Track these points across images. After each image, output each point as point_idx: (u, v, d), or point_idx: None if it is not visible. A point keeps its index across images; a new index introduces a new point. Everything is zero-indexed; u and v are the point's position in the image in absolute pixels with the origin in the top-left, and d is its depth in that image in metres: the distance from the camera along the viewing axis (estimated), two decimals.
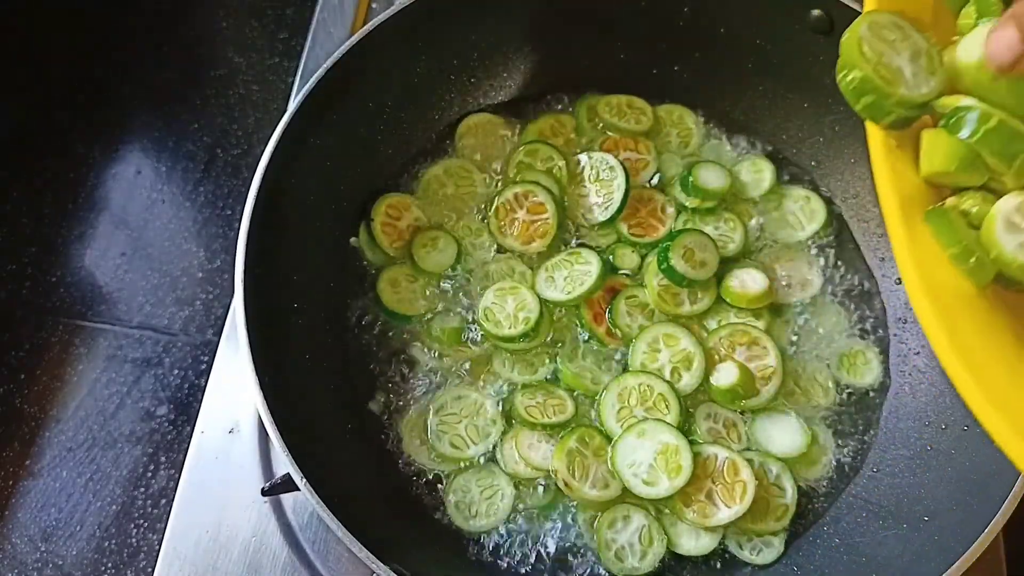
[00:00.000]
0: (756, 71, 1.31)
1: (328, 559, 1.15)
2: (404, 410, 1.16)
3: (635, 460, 1.07)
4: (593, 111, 1.35)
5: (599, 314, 1.20)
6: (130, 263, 1.62)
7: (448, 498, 1.11)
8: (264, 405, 0.93)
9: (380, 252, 1.24)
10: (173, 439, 1.45)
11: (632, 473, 1.06)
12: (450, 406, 1.15)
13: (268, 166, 1.06)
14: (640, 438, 1.08)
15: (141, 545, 1.37)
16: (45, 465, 1.44)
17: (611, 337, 1.19)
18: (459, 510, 1.10)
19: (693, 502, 1.06)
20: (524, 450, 1.11)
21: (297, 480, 0.90)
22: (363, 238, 1.25)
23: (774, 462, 1.11)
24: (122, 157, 1.74)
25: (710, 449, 1.09)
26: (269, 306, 1.04)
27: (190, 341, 1.54)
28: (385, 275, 1.23)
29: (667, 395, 1.11)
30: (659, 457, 1.07)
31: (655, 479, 1.06)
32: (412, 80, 1.27)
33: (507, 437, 1.13)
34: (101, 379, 1.51)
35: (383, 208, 1.25)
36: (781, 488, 1.10)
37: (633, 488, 1.06)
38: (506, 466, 1.12)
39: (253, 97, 1.79)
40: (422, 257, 1.23)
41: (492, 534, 1.09)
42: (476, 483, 1.11)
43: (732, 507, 1.05)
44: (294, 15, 1.86)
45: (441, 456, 1.12)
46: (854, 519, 1.09)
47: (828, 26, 1.19)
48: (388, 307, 1.21)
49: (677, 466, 1.06)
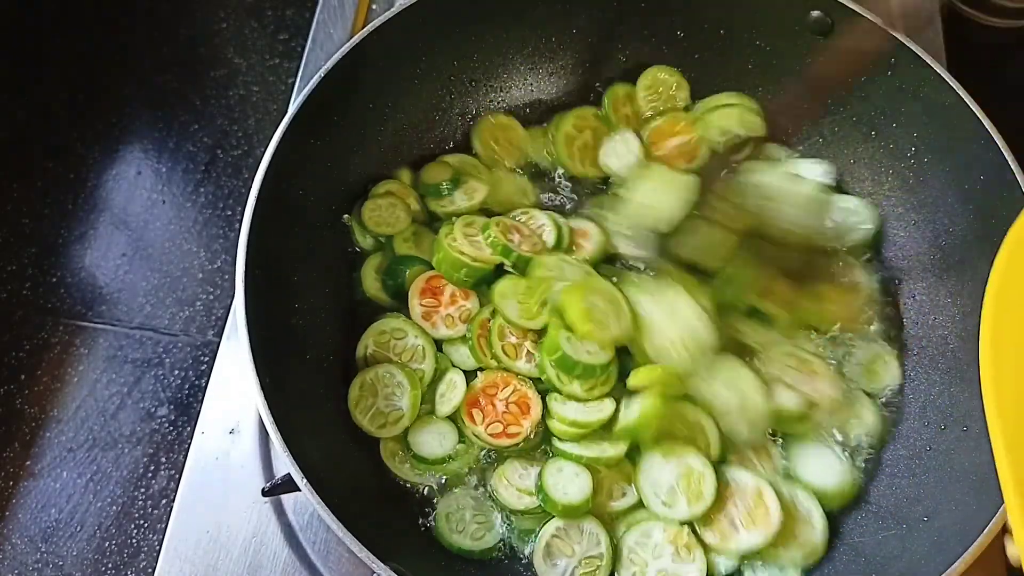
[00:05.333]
0: (756, 71, 1.31)
1: (328, 559, 1.15)
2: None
3: (657, 480, 1.06)
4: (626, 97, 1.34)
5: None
6: (130, 263, 1.62)
7: (439, 509, 1.08)
8: (265, 406, 0.93)
9: (369, 236, 1.24)
10: (174, 440, 1.45)
11: (652, 492, 1.05)
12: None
13: (269, 167, 1.06)
14: (666, 457, 1.07)
15: (141, 546, 1.37)
16: (45, 465, 1.44)
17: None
18: (448, 522, 1.07)
19: (714, 524, 1.04)
20: (517, 481, 1.08)
21: (298, 480, 0.90)
22: (355, 218, 1.24)
23: (805, 495, 1.07)
24: (122, 157, 1.74)
25: (734, 474, 1.07)
26: (270, 307, 1.04)
27: (191, 342, 1.54)
28: (370, 261, 1.23)
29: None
30: (682, 480, 1.05)
31: (674, 501, 1.04)
32: (412, 81, 1.28)
33: (497, 474, 1.10)
34: (101, 380, 1.51)
35: (383, 188, 1.25)
36: (811, 524, 1.05)
37: (651, 506, 1.05)
38: (508, 505, 1.07)
39: (253, 98, 1.79)
40: (402, 251, 1.22)
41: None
42: (471, 507, 1.09)
43: (752, 533, 1.02)
44: (294, 16, 1.86)
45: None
46: (854, 519, 1.09)
47: (828, 27, 1.19)
48: (367, 293, 1.21)
49: (699, 493, 1.04)
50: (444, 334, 1.16)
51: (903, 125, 1.20)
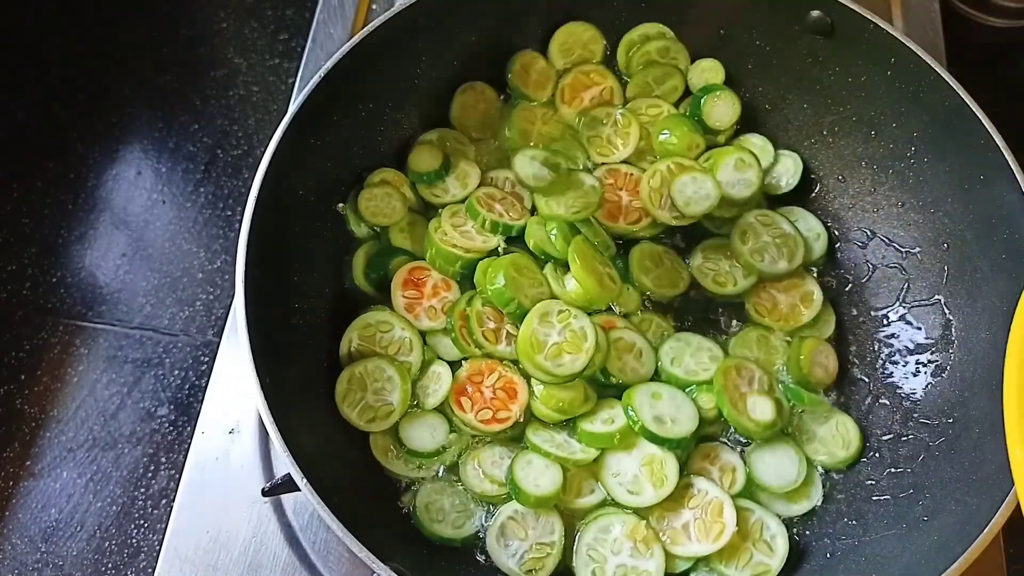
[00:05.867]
0: (756, 71, 1.31)
1: (328, 559, 1.15)
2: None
3: (620, 470, 1.07)
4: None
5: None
6: (130, 264, 1.62)
7: (418, 498, 1.08)
8: (265, 405, 0.93)
9: (364, 225, 1.23)
10: (174, 440, 1.45)
11: (617, 482, 1.06)
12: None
13: (269, 167, 1.06)
14: (627, 451, 1.08)
15: (141, 545, 1.37)
16: (45, 465, 1.44)
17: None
18: (428, 511, 1.08)
19: (667, 528, 1.05)
20: (488, 467, 1.09)
21: (298, 480, 0.90)
22: (351, 207, 1.23)
23: (775, 521, 1.06)
24: (122, 157, 1.74)
25: (701, 483, 1.07)
26: (270, 306, 1.04)
27: (191, 342, 1.54)
28: (363, 249, 1.22)
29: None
30: (644, 467, 1.06)
31: (640, 488, 1.05)
32: (412, 81, 1.28)
33: (468, 455, 1.10)
34: (101, 380, 1.51)
35: (378, 177, 1.25)
36: (772, 549, 1.05)
37: (617, 497, 1.06)
38: (470, 485, 1.08)
39: (253, 98, 1.79)
40: (397, 240, 1.23)
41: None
42: (448, 496, 1.09)
43: (702, 543, 1.03)
44: (294, 16, 1.86)
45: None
46: (854, 519, 1.09)
47: (828, 27, 1.19)
48: (356, 281, 1.21)
49: (662, 477, 1.05)
50: (427, 326, 1.16)
51: (903, 125, 1.20)
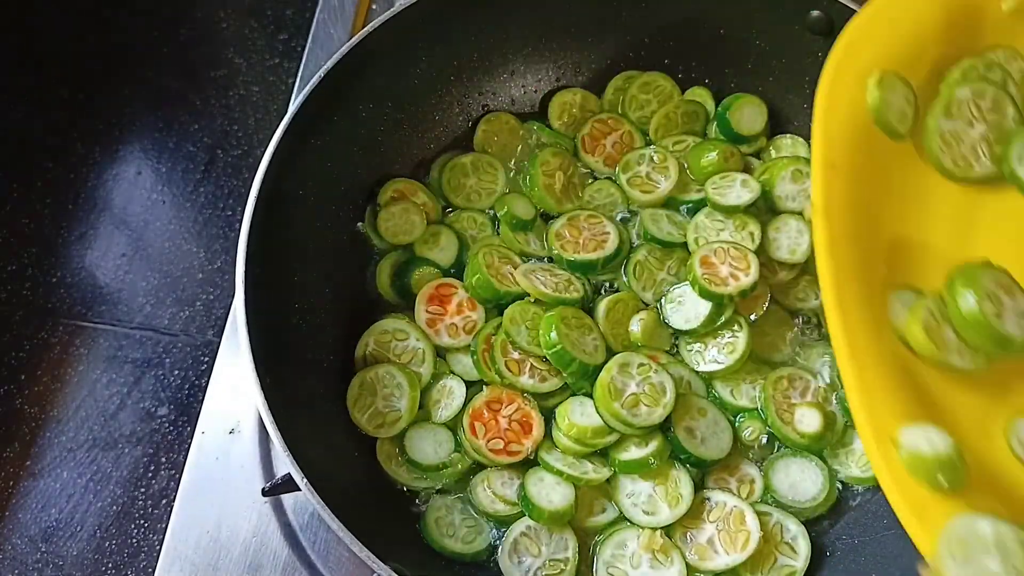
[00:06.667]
0: (756, 71, 1.31)
1: (328, 559, 1.15)
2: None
3: (634, 490, 1.06)
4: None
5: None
6: (130, 264, 1.62)
7: (427, 513, 1.07)
8: (265, 405, 0.93)
9: (384, 239, 1.24)
10: (174, 439, 1.45)
11: (631, 503, 1.06)
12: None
13: (269, 167, 1.06)
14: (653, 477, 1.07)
15: (142, 545, 1.37)
16: (46, 465, 1.44)
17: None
18: (438, 526, 1.06)
19: (692, 545, 1.04)
20: (498, 488, 1.08)
21: (298, 480, 0.90)
22: (369, 226, 1.25)
23: (794, 522, 1.06)
24: (122, 158, 1.74)
25: (717, 496, 1.07)
26: (270, 306, 1.04)
27: (191, 342, 1.54)
28: (387, 258, 1.23)
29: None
30: (659, 487, 1.06)
31: (655, 508, 1.05)
32: (412, 81, 1.28)
33: (478, 477, 1.09)
34: (101, 380, 1.51)
35: (389, 192, 1.25)
36: (794, 550, 1.05)
37: (633, 518, 1.05)
38: (481, 506, 1.07)
39: (253, 98, 1.79)
40: (422, 252, 1.23)
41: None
42: (459, 511, 1.08)
43: (731, 555, 1.02)
44: (294, 16, 1.86)
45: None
46: (854, 519, 1.09)
47: (827, 26, 1.19)
48: (381, 289, 1.22)
49: (677, 496, 1.05)
50: (446, 343, 1.16)
51: None
